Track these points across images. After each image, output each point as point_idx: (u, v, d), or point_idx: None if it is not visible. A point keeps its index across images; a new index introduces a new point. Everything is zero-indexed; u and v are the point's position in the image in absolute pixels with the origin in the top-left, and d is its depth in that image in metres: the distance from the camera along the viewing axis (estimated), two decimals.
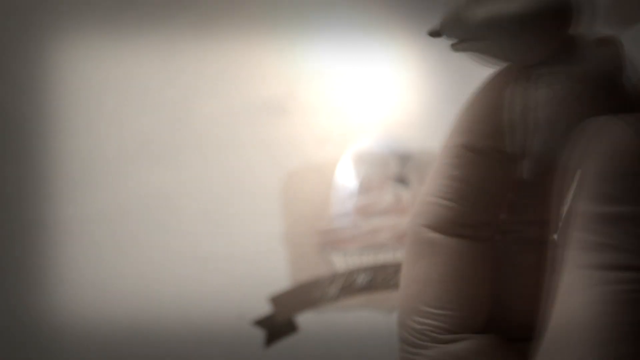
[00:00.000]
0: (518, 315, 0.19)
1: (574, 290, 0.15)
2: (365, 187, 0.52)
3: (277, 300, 0.50)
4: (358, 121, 0.56)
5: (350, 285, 0.50)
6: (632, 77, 0.17)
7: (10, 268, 0.53)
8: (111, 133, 0.58)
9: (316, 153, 0.55)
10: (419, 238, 0.18)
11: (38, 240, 0.54)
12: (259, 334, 0.49)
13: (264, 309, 0.49)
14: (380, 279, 0.49)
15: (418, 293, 0.18)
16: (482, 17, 0.17)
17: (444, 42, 0.19)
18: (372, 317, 0.50)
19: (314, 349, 0.49)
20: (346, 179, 0.53)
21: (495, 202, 0.20)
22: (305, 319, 0.49)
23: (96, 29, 0.61)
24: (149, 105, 0.59)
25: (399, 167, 0.53)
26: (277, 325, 0.49)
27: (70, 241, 0.54)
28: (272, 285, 0.50)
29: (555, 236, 0.18)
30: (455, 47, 0.19)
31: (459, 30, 0.18)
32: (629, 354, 0.14)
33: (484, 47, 0.18)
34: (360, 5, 0.61)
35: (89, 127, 0.58)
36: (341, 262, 0.51)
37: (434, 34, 0.19)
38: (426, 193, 0.19)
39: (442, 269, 0.18)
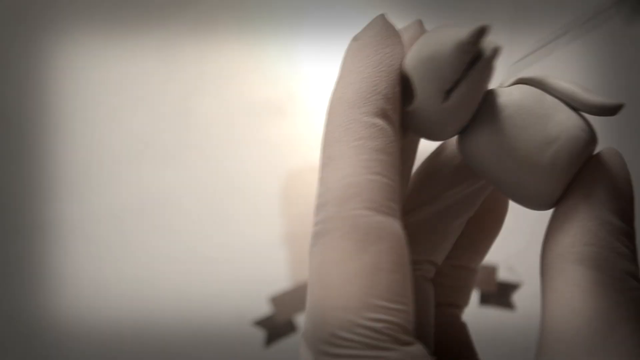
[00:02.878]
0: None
1: (567, 295, 0.16)
2: None
3: (277, 300, 0.50)
4: None
5: None
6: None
7: (10, 268, 0.53)
8: (111, 133, 0.58)
9: (316, 153, 0.55)
10: (361, 224, 0.15)
11: (38, 240, 0.54)
12: (259, 334, 0.49)
13: (264, 309, 0.49)
14: None
15: (369, 286, 0.15)
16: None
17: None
18: None
19: None
20: None
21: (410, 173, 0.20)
22: None
23: (96, 29, 0.61)
24: (148, 106, 0.59)
25: None
26: (277, 326, 0.49)
27: (70, 241, 0.54)
28: (272, 285, 0.50)
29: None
30: None
31: None
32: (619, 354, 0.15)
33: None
34: (360, 6, 0.61)
35: (88, 127, 0.58)
36: None
37: None
38: (348, 174, 0.16)
39: (391, 257, 0.15)
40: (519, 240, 0.50)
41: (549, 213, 0.19)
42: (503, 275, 0.49)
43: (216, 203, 0.55)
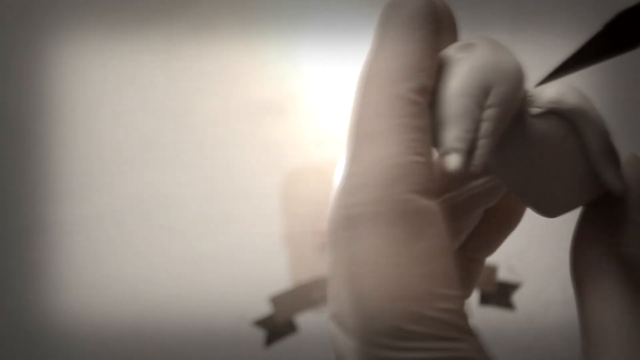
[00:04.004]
0: None
1: (610, 299, 0.16)
2: None
3: (277, 300, 0.50)
4: None
5: None
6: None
7: (10, 268, 0.53)
8: (111, 133, 0.58)
9: (316, 153, 0.55)
10: (410, 208, 0.14)
11: (38, 240, 0.54)
12: (259, 334, 0.49)
13: (264, 309, 0.49)
14: None
15: (429, 274, 0.14)
16: None
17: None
18: None
19: (314, 349, 0.49)
20: None
21: None
22: (305, 319, 0.49)
23: (96, 29, 0.61)
24: (149, 106, 0.59)
25: None
26: (277, 326, 0.49)
27: (70, 241, 0.54)
28: (272, 285, 0.50)
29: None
30: None
31: None
32: None
33: None
34: (360, 7, 0.61)
35: (88, 128, 0.58)
36: None
37: None
38: (392, 154, 0.15)
39: (442, 242, 0.15)
40: (519, 240, 0.50)
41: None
42: (503, 275, 0.49)
43: (217, 203, 0.55)
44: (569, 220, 0.20)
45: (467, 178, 0.19)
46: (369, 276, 0.14)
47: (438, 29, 0.16)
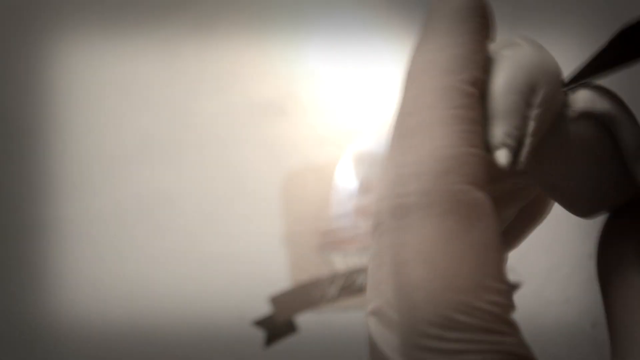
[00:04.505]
0: None
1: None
2: (365, 187, 0.52)
3: (277, 300, 0.50)
4: (358, 121, 0.56)
5: (350, 286, 0.50)
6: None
7: (10, 268, 0.53)
8: (111, 133, 0.58)
9: (316, 153, 0.55)
10: (464, 199, 0.14)
11: (38, 240, 0.54)
12: (259, 334, 0.49)
13: (264, 309, 0.49)
14: None
15: (481, 266, 0.14)
16: None
17: None
18: None
19: (314, 349, 0.49)
20: (346, 180, 0.53)
21: None
22: (305, 319, 0.50)
23: (97, 29, 0.61)
24: (149, 106, 0.59)
25: None
26: (277, 326, 0.49)
27: (70, 241, 0.54)
28: (272, 285, 0.50)
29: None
30: None
31: None
32: None
33: None
34: (360, 7, 0.61)
35: (89, 127, 0.58)
36: (341, 262, 0.51)
37: None
38: (445, 145, 0.15)
39: (494, 235, 0.14)
40: None
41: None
42: None
43: (216, 203, 0.55)
44: (569, 220, 0.20)
45: (508, 175, 0.19)
46: (419, 266, 0.14)
47: (485, 22, 0.16)
